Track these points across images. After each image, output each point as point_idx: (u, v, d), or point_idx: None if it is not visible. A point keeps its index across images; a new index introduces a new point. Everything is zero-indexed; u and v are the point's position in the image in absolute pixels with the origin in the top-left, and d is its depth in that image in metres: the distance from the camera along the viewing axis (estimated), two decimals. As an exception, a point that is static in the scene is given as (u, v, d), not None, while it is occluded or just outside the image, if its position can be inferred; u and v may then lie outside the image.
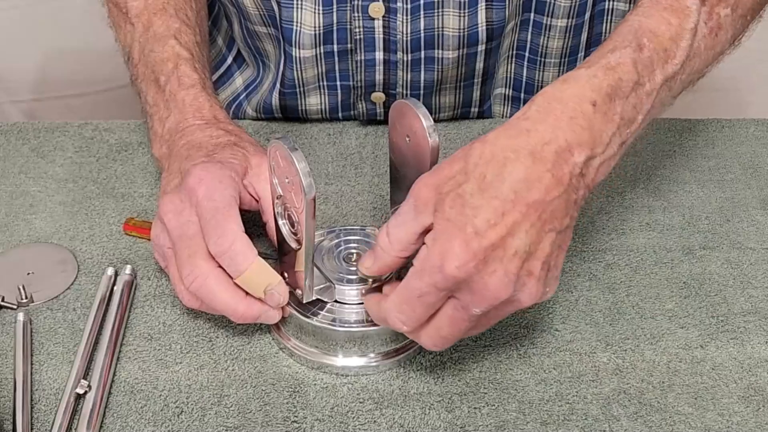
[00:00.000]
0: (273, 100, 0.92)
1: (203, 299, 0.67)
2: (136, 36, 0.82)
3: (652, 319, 0.73)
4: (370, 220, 0.81)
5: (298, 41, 0.86)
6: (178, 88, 0.77)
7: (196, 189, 0.67)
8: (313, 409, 0.66)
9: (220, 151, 0.72)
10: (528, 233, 0.58)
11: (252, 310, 0.67)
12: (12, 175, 0.85)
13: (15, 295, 0.73)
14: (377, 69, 0.88)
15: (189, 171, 0.69)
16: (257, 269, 0.66)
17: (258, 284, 0.66)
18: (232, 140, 0.74)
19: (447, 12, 0.83)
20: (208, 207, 0.66)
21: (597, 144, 0.61)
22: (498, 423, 0.65)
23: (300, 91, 0.91)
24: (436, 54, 0.86)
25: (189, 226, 0.67)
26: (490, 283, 0.58)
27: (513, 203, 0.58)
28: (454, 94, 0.91)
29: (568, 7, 0.87)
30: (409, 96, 0.89)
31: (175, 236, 0.67)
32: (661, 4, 0.66)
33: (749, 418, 0.66)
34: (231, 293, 0.66)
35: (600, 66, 0.63)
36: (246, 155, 0.72)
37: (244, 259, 0.65)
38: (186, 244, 0.67)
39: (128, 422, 0.65)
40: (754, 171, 0.88)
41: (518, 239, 0.58)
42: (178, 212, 0.67)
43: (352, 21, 0.85)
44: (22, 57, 1.49)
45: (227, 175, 0.68)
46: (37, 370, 0.68)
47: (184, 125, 0.75)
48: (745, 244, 0.80)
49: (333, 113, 0.93)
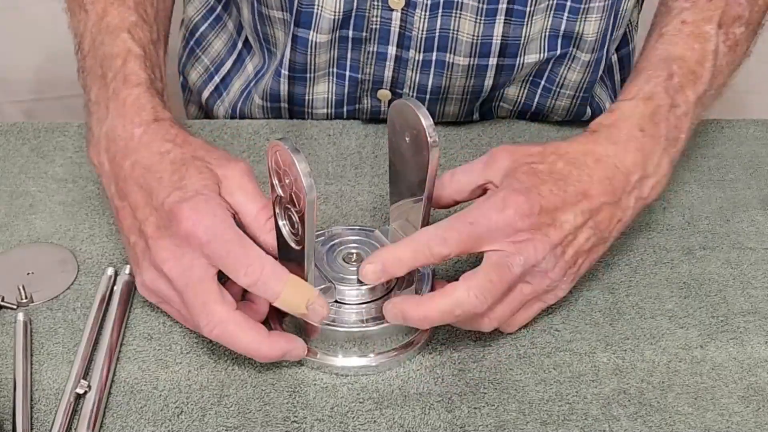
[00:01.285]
0: (281, 85, 0.92)
1: (226, 344, 0.65)
2: (89, 25, 0.79)
3: (652, 319, 0.73)
4: (370, 220, 0.81)
5: (317, 25, 0.85)
6: (122, 86, 0.73)
7: (195, 232, 0.64)
8: (313, 409, 0.66)
9: (186, 177, 0.67)
10: (576, 217, 0.67)
11: (275, 350, 0.65)
12: (12, 175, 0.85)
13: (15, 295, 0.73)
14: (387, 64, 0.88)
15: (174, 214, 0.64)
16: (293, 287, 0.64)
17: (298, 302, 0.64)
18: (187, 153, 0.69)
19: (464, 15, 0.83)
20: (218, 246, 0.63)
21: (648, 164, 0.71)
22: (498, 423, 0.65)
23: (310, 77, 0.90)
24: (447, 58, 0.86)
25: (194, 272, 0.64)
26: (536, 240, 0.65)
27: (575, 188, 0.67)
28: (459, 106, 0.91)
29: (593, 42, 0.86)
30: (415, 98, 0.89)
31: (181, 285, 0.64)
32: (684, 32, 0.76)
33: (749, 418, 0.66)
34: (253, 335, 0.64)
35: (639, 98, 0.73)
36: (212, 170, 0.68)
37: (278, 280, 0.63)
38: (195, 291, 0.64)
39: (128, 422, 0.65)
40: (754, 171, 0.88)
41: (569, 215, 0.67)
42: (178, 258, 0.64)
43: (371, 9, 0.84)
44: (22, 57, 1.49)
45: (216, 204, 0.65)
46: (37, 370, 0.68)
47: (122, 135, 0.70)
48: (745, 244, 0.80)
49: (338, 106, 0.93)
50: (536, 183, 0.67)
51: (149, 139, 0.70)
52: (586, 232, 0.68)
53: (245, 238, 0.65)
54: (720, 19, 0.77)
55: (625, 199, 0.70)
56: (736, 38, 0.78)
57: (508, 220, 0.65)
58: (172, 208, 0.65)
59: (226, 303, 0.64)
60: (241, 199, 0.68)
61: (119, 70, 0.74)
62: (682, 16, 0.77)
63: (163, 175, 0.67)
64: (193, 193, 0.66)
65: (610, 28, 0.86)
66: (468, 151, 0.89)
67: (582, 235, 0.68)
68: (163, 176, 0.67)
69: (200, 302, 0.64)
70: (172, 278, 0.65)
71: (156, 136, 0.70)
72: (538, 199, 0.66)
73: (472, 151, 0.89)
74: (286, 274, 0.64)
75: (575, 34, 0.86)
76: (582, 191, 0.68)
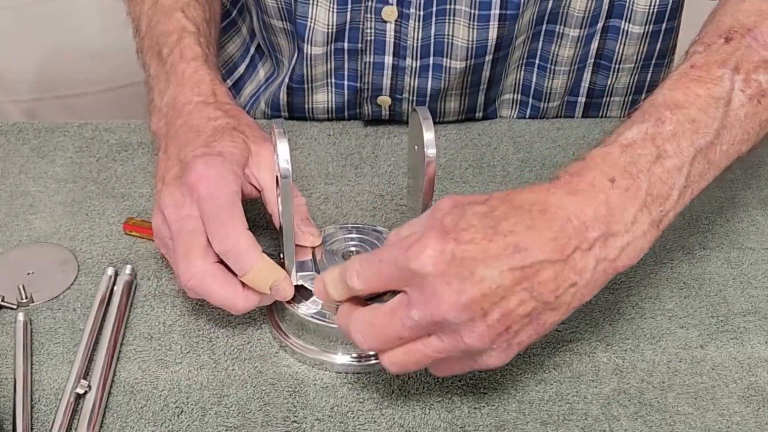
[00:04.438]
0: (281, 96, 0.92)
1: (201, 295, 0.67)
2: (145, 9, 0.83)
3: (652, 319, 0.73)
4: (370, 220, 0.81)
5: (310, 38, 0.86)
6: (179, 61, 0.77)
7: (197, 186, 0.66)
8: (313, 409, 0.66)
9: (219, 138, 0.70)
10: (502, 274, 0.56)
11: (250, 302, 0.67)
12: (12, 175, 0.85)
13: (15, 295, 0.73)
14: (385, 73, 0.88)
15: (189, 165, 0.68)
16: (262, 267, 0.66)
17: (264, 281, 0.66)
18: (231, 123, 0.72)
19: (458, 22, 0.84)
20: (211, 205, 0.66)
21: (616, 221, 0.59)
22: (498, 423, 0.65)
23: (308, 87, 0.91)
24: (444, 63, 0.86)
25: (188, 221, 0.67)
26: (442, 292, 0.56)
27: (504, 238, 0.56)
28: (459, 101, 0.91)
29: (581, 18, 0.87)
30: (415, 102, 0.90)
31: (174, 230, 0.67)
32: (689, 77, 0.64)
33: (749, 418, 0.66)
34: (228, 289, 0.66)
35: (616, 144, 0.61)
36: (246, 142, 0.71)
37: (249, 257, 0.65)
38: (183, 240, 0.66)
39: (128, 422, 0.65)
40: (754, 171, 0.88)
41: (491, 271, 0.55)
42: (178, 206, 0.67)
43: (365, 22, 0.85)
44: (22, 57, 1.49)
45: (229, 169, 0.68)
46: (37, 370, 0.68)
47: (182, 101, 0.74)
48: (745, 244, 0.80)
49: (339, 113, 0.93)
50: (461, 227, 0.57)
51: (204, 107, 0.74)
52: (519, 295, 0.56)
53: (237, 209, 0.66)
54: (737, 63, 0.64)
55: (580, 259, 0.57)
56: (761, 87, 0.64)
57: (414, 264, 0.56)
58: (190, 160, 0.68)
59: (208, 257, 0.66)
60: (267, 177, 0.70)
61: (175, 45, 0.78)
62: (691, 60, 0.65)
63: (202, 136, 0.71)
64: (215, 153, 0.68)
65: (605, 6, 0.87)
66: (468, 151, 0.89)
67: (513, 297, 0.56)
68: (201, 136, 0.71)
69: (184, 251, 0.66)
70: (169, 223, 0.67)
71: (210, 106, 0.74)
72: (452, 246, 0.56)
73: (472, 151, 0.89)
74: (258, 254, 0.66)
75: (561, 13, 0.87)
76: (513, 244, 0.56)
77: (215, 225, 0.66)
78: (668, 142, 0.61)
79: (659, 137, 0.61)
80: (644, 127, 0.61)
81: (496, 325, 0.57)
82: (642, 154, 0.60)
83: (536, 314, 0.58)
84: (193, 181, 0.67)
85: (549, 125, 0.94)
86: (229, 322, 0.71)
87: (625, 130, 0.62)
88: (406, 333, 0.58)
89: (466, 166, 0.87)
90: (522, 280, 0.56)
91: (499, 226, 0.56)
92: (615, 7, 0.88)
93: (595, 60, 0.93)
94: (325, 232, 0.72)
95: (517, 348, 0.59)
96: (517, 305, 0.57)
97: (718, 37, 0.65)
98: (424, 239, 0.57)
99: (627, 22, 0.89)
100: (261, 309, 0.72)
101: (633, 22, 0.89)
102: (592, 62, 0.93)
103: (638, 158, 0.60)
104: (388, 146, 0.90)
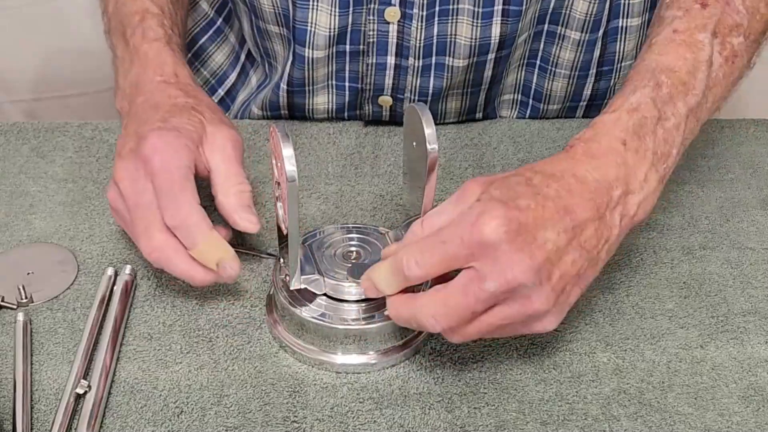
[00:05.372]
0: (280, 98, 0.92)
1: (163, 267, 0.69)
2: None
3: (652, 319, 0.73)
4: (370, 220, 0.81)
5: (311, 42, 0.86)
6: (141, 41, 0.78)
7: (151, 158, 0.68)
8: (313, 409, 0.66)
9: (177, 114, 0.72)
10: (559, 235, 0.60)
11: (209, 276, 0.69)
12: (12, 175, 0.85)
13: (15, 295, 0.73)
14: (387, 73, 0.88)
15: (144, 137, 0.69)
16: (211, 243, 0.68)
17: (211, 257, 0.68)
18: (191, 103, 0.74)
19: (461, 20, 0.84)
20: (164, 179, 0.68)
21: (632, 180, 0.64)
22: (498, 423, 0.65)
23: (309, 89, 0.91)
24: (447, 61, 0.86)
25: (143, 195, 0.68)
26: (515, 258, 0.58)
27: (554, 202, 0.60)
28: (461, 100, 0.91)
29: (583, 21, 0.87)
30: (416, 101, 0.90)
31: (131, 204, 0.69)
32: (675, 41, 0.70)
33: (749, 418, 0.66)
34: (188, 262, 0.68)
35: (623, 109, 0.66)
36: (203, 122, 0.73)
37: (199, 232, 0.67)
38: (141, 215, 0.68)
39: (128, 422, 0.65)
40: (754, 171, 0.88)
41: (550, 234, 0.59)
42: (133, 180, 0.68)
43: (367, 24, 0.85)
44: (22, 57, 1.49)
45: (183, 144, 0.69)
46: (37, 370, 0.68)
47: (144, 80, 0.76)
48: (745, 244, 0.80)
49: (339, 113, 0.93)
50: (512, 196, 0.60)
51: (165, 87, 0.75)
52: (572, 254, 0.61)
53: (189, 184, 0.68)
54: (715, 28, 0.71)
55: (610, 216, 0.63)
56: (734, 49, 0.72)
57: (482, 237, 0.58)
58: (145, 134, 0.70)
59: (167, 230, 0.68)
60: (217, 159, 0.72)
61: (137, 25, 0.79)
62: (673, 25, 0.71)
63: (159, 112, 0.72)
64: (170, 128, 0.70)
65: (606, 11, 0.87)
66: (468, 150, 0.89)
67: (568, 257, 0.61)
68: (158, 112, 0.72)
69: (143, 226, 0.68)
70: (125, 197, 0.69)
71: (171, 86, 0.76)
72: (515, 214, 0.59)
73: (472, 151, 0.89)
74: (208, 229, 0.68)
75: (563, 13, 0.87)
76: (563, 206, 0.61)
77: (167, 199, 0.67)
78: (666, 105, 0.67)
79: (659, 100, 0.67)
80: (646, 91, 0.67)
81: (556, 286, 0.60)
82: (647, 117, 0.66)
83: (582, 271, 0.62)
84: (147, 153, 0.68)
85: (549, 125, 0.94)
86: (229, 322, 0.71)
87: (630, 95, 0.67)
88: (480, 306, 0.60)
89: (466, 166, 0.87)
90: (572, 239, 0.61)
91: (545, 191, 0.61)
92: (614, 8, 0.88)
93: (598, 68, 0.93)
94: (325, 232, 0.72)
95: (567, 308, 0.63)
96: (571, 265, 0.61)
97: (694, 2, 0.72)
98: (487, 212, 0.59)
99: (625, 18, 0.89)
100: (261, 309, 0.72)
101: (631, 16, 0.89)
102: (595, 71, 0.93)
103: (645, 121, 0.66)
104: (388, 146, 0.90)
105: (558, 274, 0.60)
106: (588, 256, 0.62)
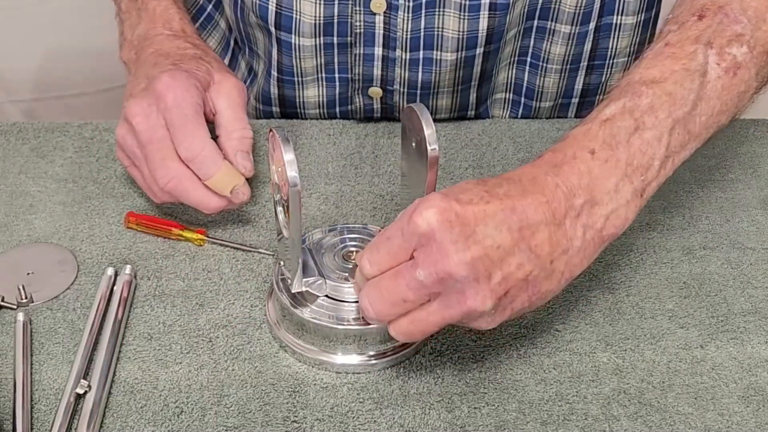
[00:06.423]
0: (272, 86, 0.93)
1: (178, 197, 0.74)
2: None
3: (652, 319, 0.73)
4: (370, 220, 0.81)
5: (298, 29, 0.86)
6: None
7: (164, 95, 0.72)
8: (313, 409, 0.66)
9: (186, 61, 0.77)
10: (503, 234, 0.58)
11: (222, 203, 0.74)
12: (12, 175, 0.85)
13: (15, 295, 0.73)
14: (375, 64, 0.88)
15: (157, 77, 0.74)
16: (225, 172, 0.73)
17: (226, 185, 0.74)
18: (198, 53, 0.79)
19: (448, 12, 0.84)
20: (177, 114, 0.72)
21: (598, 190, 0.61)
22: (498, 423, 0.65)
23: (298, 81, 0.91)
24: (435, 55, 0.86)
25: (157, 130, 0.72)
26: (449, 249, 0.57)
27: (501, 201, 0.58)
28: (451, 98, 0.92)
29: (572, 14, 0.87)
30: (406, 94, 0.90)
31: (145, 139, 0.72)
32: (664, 54, 0.67)
33: (749, 418, 0.66)
34: (203, 190, 0.74)
35: (596, 121, 0.64)
36: (210, 69, 0.78)
37: (214, 163, 0.73)
38: (157, 147, 0.72)
39: (128, 422, 0.65)
40: (754, 171, 0.88)
41: (491, 230, 0.57)
42: (147, 115, 0.72)
43: (354, 15, 0.85)
44: (22, 57, 1.49)
45: (193, 84, 0.74)
46: (37, 370, 0.68)
47: (153, 33, 0.80)
48: (745, 244, 0.80)
49: (330, 107, 0.93)
50: (457, 192, 0.59)
51: (174, 39, 0.81)
52: (518, 256, 0.58)
53: (200, 119, 0.73)
54: (710, 39, 0.67)
55: (570, 225, 0.60)
56: (735, 60, 0.67)
57: (417, 227, 0.57)
58: (157, 74, 0.74)
59: (181, 161, 0.73)
60: (223, 103, 0.77)
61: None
62: (666, 39, 0.68)
63: (170, 59, 0.77)
64: (181, 70, 0.75)
65: (597, 3, 0.87)
66: (468, 150, 0.89)
67: (513, 258, 0.58)
68: (169, 59, 0.77)
69: (159, 157, 0.72)
70: (138, 132, 0.73)
71: (180, 39, 0.81)
72: (453, 205, 0.57)
73: (472, 151, 0.89)
74: (221, 160, 0.73)
75: (552, 8, 0.87)
76: (511, 206, 0.58)
77: (182, 133, 0.72)
78: (646, 114, 0.64)
79: (637, 110, 0.64)
80: (621, 102, 0.64)
81: (497, 287, 0.58)
82: (621, 127, 0.63)
83: (532, 279, 0.59)
84: (161, 90, 0.72)
85: (549, 125, 0.94)
86: (229, 322, 0.71)
87: (604, 108, 0.65)
88: (410, 294, 0.59)
89: (465, 166, 0.87)
90: (520, 241, 0.58)
91: (494, 190, 0.59)
92: (606, 4, 0.88)
93: (589, 62, 0.93)
94: (325, 233, 0.72)
95: (509, 313, 0.60)
96: (516, 268, 0.58)
97: (691, 15, 0.69)
98: (424, 202, 0.58)
99: (620, 15, 0.89)
100: (261, 309, 0.72)
101: (626, 13, 0.89)
102: (586, 64, 0.93)
103: (617, 131, 0.63)
104: (388, 146, 0.90)
105: (500, 275, 0.58)
106: (539, 263, 0.59)
